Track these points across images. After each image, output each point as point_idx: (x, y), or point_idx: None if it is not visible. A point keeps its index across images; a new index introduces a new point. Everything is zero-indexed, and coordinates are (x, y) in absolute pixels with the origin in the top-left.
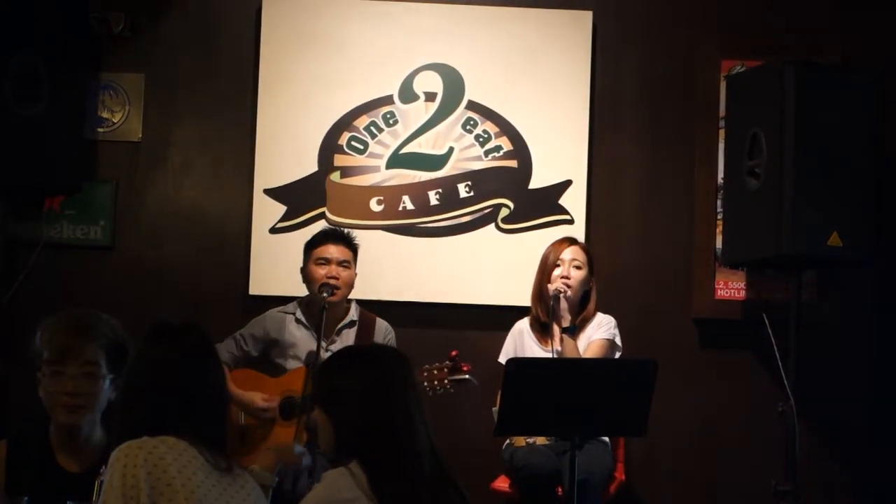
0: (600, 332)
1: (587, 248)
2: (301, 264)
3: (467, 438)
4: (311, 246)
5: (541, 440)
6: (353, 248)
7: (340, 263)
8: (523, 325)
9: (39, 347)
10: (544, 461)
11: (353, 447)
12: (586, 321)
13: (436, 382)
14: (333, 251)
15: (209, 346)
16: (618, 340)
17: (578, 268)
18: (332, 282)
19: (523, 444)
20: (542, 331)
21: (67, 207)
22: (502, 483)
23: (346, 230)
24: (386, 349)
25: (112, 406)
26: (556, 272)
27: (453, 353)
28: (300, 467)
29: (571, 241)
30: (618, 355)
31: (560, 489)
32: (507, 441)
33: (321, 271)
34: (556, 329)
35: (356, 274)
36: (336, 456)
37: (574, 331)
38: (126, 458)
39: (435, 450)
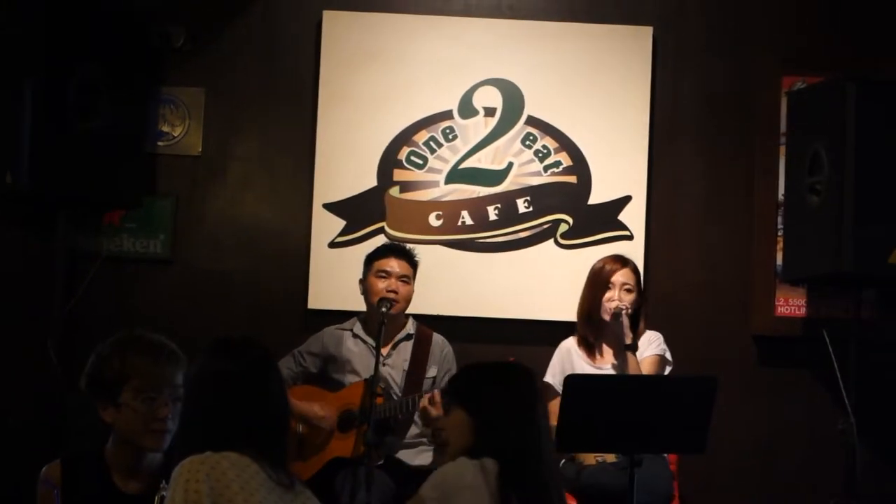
0: (651, 348)
1: (636, 268)
2: (360, 276)
3: None
4: (372, 258)
5: (609, 458)
6: (414, 264)
7: (400, 278)
8: (570, 343)
9: (119, 374)
10: (613, 480)
11: (490, 447)
12: (636, 339)
13: None
14: (395, 265)
15: (270, 361)
16: (668, 356)
17: (629, 291)
18: (392, 296)
19: (593, 461)
20: (590, 349)
21: (127, 221)
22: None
23: (407, 245)
24: (522, 366)
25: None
26: (607, 295)
27: (511, 359)
28: None
29: (622, 261)
30: (668, 370)
31: None
32: (567, 458)
33: (381, 284)
34: (604, 348)
35: (414, 290)
36: (466, 454)
37: (635, 349)
38: (189, 474)
39: (555, 462)
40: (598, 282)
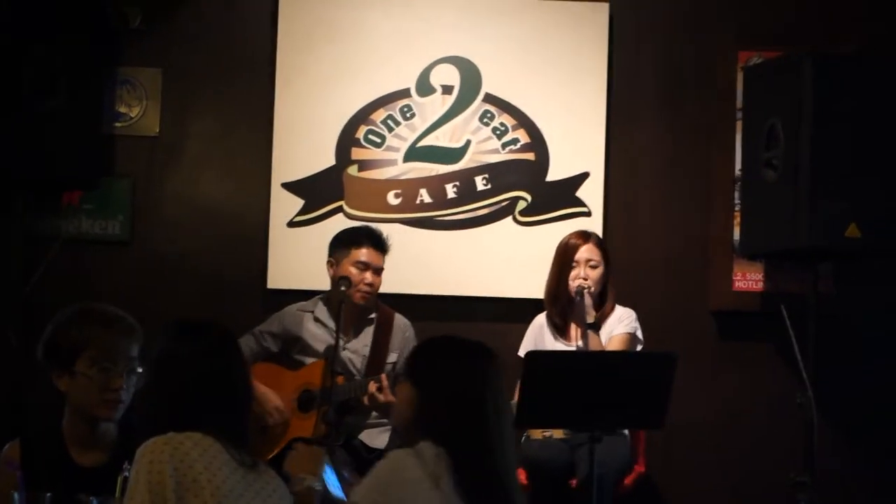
0: (621, 325)
1: (601, 242)
2: (328, 256)
3: None
4: (353, 244)
5: (557, 433)
6: (387, 252)
7: (376, 270)
8: (542, 319)
9: (75, 343)
10: (556, 454)
11: (432, 427)
12: (606, 315)
13: None
14: (375, 259)
15: (232, 341)
16: (639, 334)
17: (594, 267)
18: (367, 289)
19: (539, 436)
20: (559, 328)
21: (85, 202)
22: (520, 477)
23: (383, 234)
24: (482, 345)
25: (135, 402)
26: (573, 274)
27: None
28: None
29: (585, 236)
30: (639, 348)
31: (574, 482)
32: (525, 435)
33: (358, 276)
34: (572, 326)
35: None
36: (407, 433)
37: (598, 327)
38: (152, 454)
39: (513, 445)
40: (563, 261)
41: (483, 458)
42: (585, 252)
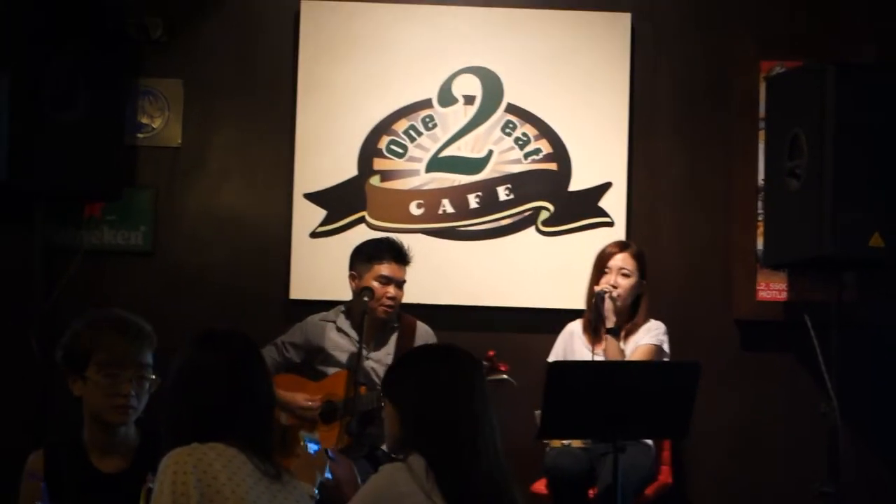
0: (648, 336)
1: (639, 253)
2: (350, 268)
3: (507, 440)
4: (375, 259)
5: (577, 443)
6: (408, 266)
7: (399, 284)
8: (575, 326)
9: (86, 348)
10: (573, 463)
11: (415, 440)
12: (637, 327)
13: None
14: (398, 272)
15: (255, 351)
16: (665, 347)
17: (626, 276)
18: (392, 303)
19: (559, 445)
20: (594, 333)
21: (108, 213)
22: (542, 486)
23: (405, 246)
24: (457, 350)
25: (159, 413)
26: (603, 279)
27: (490, 353)
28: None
29: (622, 246)
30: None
31: (592, 492)
32: (548, 444)
33: (381, 290)
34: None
35: None
36: (398, 450)
37: (618, 332)
38: (176, 465)
39: (499, 452)
40: (598, 267)
41: (463, 466)
42: (619, 260)
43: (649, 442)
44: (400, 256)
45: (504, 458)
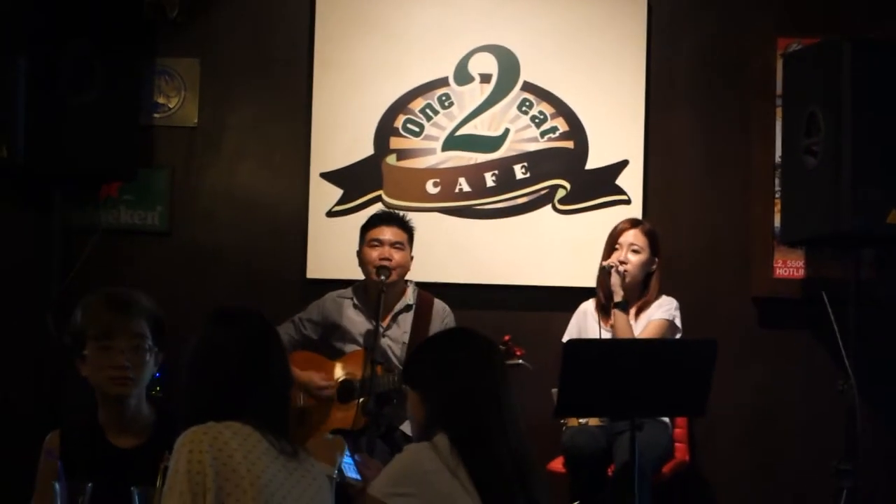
0: (660, 311)
1: (651, 230)
2: (357, 248)
3: (525, 419)
4: (364, 229)
5: (593, 421)
6: (408, 229)
7: (393, 245)
8: (587, 305)
9: (82, 326)
10: (591, 442)
11: (441, 421)
12: (648, 303)
13: None
14: (386, 233)
15: (271, 330)
16: (678, 322)
17: (637, 252)
18: (385, 263)
19: (576, 424)
20: (604, 311)
21: (124, 193)
22: (560, 464)
23: (400, 212)
24: (476, 333)
25: (175, 392)
26: (613, 255)
27: (506, 337)
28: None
29: (634, 223)
30: (678, 337)
31: (610, 469)
32: (565, 423)
33: (374, 253)
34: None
35: (412, 257)
36: (423, 436)
37: (625, 306)
38: (192, 444)
39: (522, 432)
40: (610, 243)
41: (489, 444)
42: (630, 236)
43: (666, 420)
44: (386, 218)
45: (527, 438)
